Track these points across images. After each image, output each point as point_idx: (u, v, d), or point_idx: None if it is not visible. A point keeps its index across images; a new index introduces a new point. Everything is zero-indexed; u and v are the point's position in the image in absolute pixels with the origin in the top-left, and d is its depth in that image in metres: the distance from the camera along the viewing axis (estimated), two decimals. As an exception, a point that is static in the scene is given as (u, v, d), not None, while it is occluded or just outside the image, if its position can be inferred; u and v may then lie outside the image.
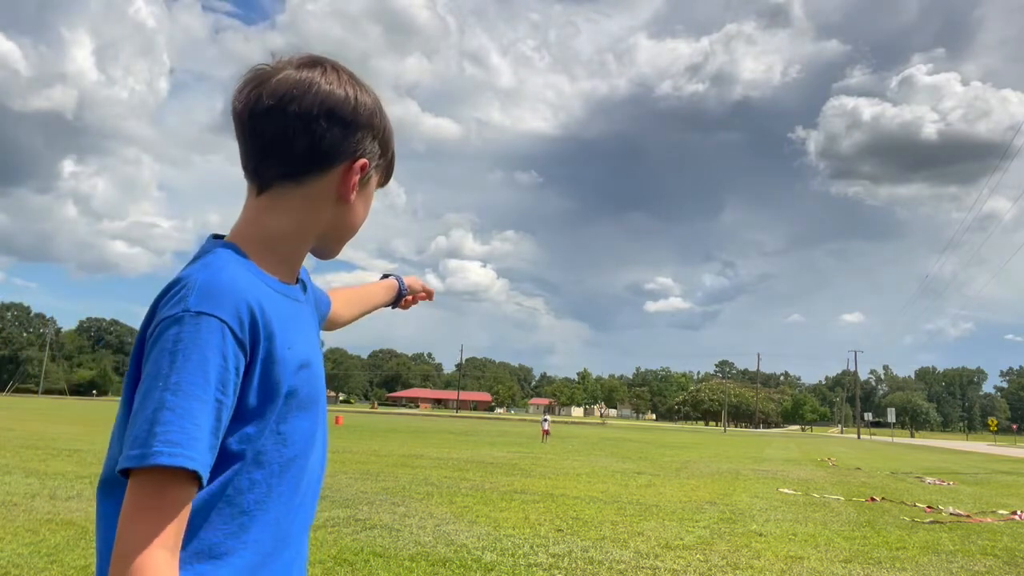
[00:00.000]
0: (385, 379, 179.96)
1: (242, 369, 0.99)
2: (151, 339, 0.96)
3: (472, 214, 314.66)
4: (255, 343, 1.00)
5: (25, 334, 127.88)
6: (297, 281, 1.17)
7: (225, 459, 1.01)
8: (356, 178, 1.11)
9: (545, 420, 30.41)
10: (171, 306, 0.96)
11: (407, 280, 1.76)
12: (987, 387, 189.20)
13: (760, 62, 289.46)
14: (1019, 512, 10.15)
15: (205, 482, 0.95)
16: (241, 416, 1.01)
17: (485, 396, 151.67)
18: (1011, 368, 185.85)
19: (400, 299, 1.74)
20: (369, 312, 1.67)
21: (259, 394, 1.02)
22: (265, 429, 1.04)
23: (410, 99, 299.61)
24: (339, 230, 1.16)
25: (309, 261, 1.21)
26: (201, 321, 0.95)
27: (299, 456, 1.09)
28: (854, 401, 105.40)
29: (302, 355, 1.09)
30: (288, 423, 1.07)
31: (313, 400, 1.11)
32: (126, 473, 0.92)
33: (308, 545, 1.19)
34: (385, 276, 1.75)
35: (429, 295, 1.83)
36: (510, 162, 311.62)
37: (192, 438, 0.92)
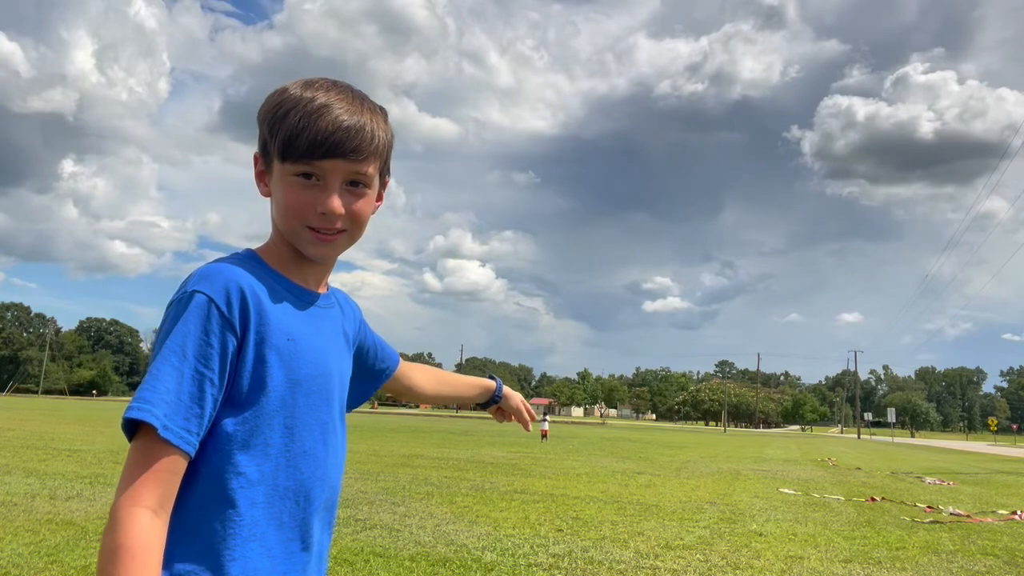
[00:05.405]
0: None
1: (230, 347, 1.05)
2: (161, 321, 1.08)
3: (471, 214, 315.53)
4: (245, 324, 1.06)
5: (25, 334, 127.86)
6: (327, 293, 1.25)
7: (222, 440, 1.05)
8: (257, 169, 1.19)
9: (544, 420, 30.26)
10: (176, 292, 1.09)
11: (508, 391, 1.71)
12: (987, 387, 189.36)
13: (759, 62, 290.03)
14: (1019, 512, 10.15)
15: (177, 444, 0.99)
16: (236, 398, 1.06)
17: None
18: (1011, 368, 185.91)
19: (493, 403, 1.69)
20: (454, 400, 1.67)
21: (253, 377, 1.07)
22: (271, 419, 1.08)
23: (408, 99, 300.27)
24: (277, 221, 1.17)
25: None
26: (192, 298, 1.05)
27: (308, 453, 1.12)
28: (854, 401, 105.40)
29: (309, 351, 1.13)
30: (296, 418, 1.11)
31: (324, 399, 1.15)
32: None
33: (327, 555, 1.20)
34: (491, 377, 1.73)
35: (524, 424, 1.75)
36: (509, 162, 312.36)
37: (162, 399, 0.99)
